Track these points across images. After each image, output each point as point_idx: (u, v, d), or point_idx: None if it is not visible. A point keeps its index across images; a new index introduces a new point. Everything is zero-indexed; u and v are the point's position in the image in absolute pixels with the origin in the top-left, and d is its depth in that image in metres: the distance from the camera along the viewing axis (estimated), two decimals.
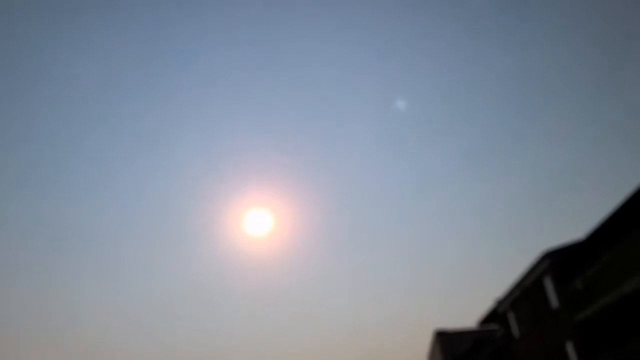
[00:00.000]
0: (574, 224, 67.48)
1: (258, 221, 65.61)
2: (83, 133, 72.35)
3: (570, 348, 20.76)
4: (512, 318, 26.81)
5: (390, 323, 73.33)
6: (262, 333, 75.85)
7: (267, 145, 74.92)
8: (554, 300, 21.79)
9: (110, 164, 74.99)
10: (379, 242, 77.56)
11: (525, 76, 66.66)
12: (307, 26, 70.16)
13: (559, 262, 20.88)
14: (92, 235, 75.16)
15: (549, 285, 22.01)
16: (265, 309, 77.65)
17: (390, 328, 72.72)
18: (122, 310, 71.74)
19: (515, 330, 26.57)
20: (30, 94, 67.29)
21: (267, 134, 75.67)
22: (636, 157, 58.90)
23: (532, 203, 68.55)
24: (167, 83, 71.76)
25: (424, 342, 46.65)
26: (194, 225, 79.38)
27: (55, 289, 71.13)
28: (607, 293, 17.66)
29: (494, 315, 29.06)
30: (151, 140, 74.60)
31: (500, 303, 27.39)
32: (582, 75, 64.39)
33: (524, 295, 24.33)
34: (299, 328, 75.21)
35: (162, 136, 74.64)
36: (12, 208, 70.27)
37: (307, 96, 72.55)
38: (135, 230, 78.20)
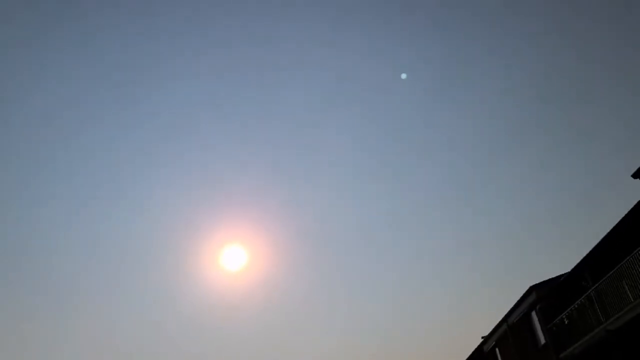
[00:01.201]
0: (561, 258, 67.69)
1: (234, 256, 65.05)
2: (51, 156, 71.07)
3: None
4: (499, 355, 26.45)
5: None
6: None
7: (242, 180, 74.61)
8: (540, 336, 21.59)
9: (85, 199, 73.66)
10: (360, 278, 76.77)
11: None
12: (276, 45, 71.19)
13: (545, 296, 20.81)
14: (64, 268, 73.14)
15: (535, 320, 21.85)
16: (243, 344, 75.64)
17: None
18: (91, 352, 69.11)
19: None
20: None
21: (240, 169, 75.39)
22: (620, 190, 59.91)
23: (520, 238, 68.83)
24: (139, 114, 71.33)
25: None
26: (166, 263, 77.96)
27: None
28: (593, 329, 17.56)
29: (481, 353, 28.66)
30: (115, 173, 73.58)
31: (487, 340, 27.07)
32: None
33: (511, 332, 24.09)
34: None
35: (128, 169, 73.76)
36: None
37: (283, 126, 72.86)
38: (107, 267, 76.33)
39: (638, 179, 16.33)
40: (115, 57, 65.85)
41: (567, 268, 19.33)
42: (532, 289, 21.12)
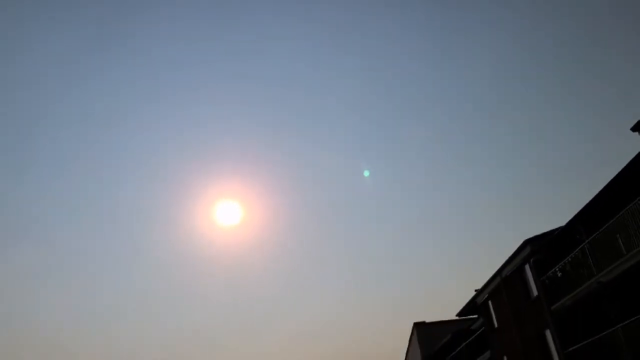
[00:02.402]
0: (556, 212, 68.45)
1: (228, 212, 65.03)
2: (41, 118, 70.29)
3: (549, 336, 20.92)
4: (491, 308, 26.97)
5: (368, 317, 73.56)
6: (235, 326, 75.36)
7: (240, 134, 74.03)
8: (533, 289, 21.93)
9: (73, 151, 73.06)
10: (355, 234, 77.63)
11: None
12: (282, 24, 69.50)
13: (539, 250, 21.01)
14: (58, 230, 73.47)
15: (529, 273, 22.15)
16: (237, 301, 77.14)
17: (368, 322, 72.94)
18: (93, 311, 70.40)
19: (494, 320, 26.74)
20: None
21: (241, 121, 74.69)
22: (616, 145, 59.94)
23: (514, 193, 69.28)
24: (130, 67, 70.04)
25: (404, 336, 46.76)
26: (163, 217, 78.32)
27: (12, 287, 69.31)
28: (586, 281, 17.80)
29: (474, 306, 29.22)
30: (116, 127, 72.83)
31: (480, 293, 27.53)
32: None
33: (504, 284, 24.46)
34: (271, 322, 74.86)
35: (126, 124, 72.99)
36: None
37: (281, 82, 71.88)
38: (102, 226, 76.69)
39: (637, 132, 16.20)
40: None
41: (563, 224, 19.40)
42: (527, 242, 21.28)
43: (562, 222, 19.35)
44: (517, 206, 68.89)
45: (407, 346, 46.21)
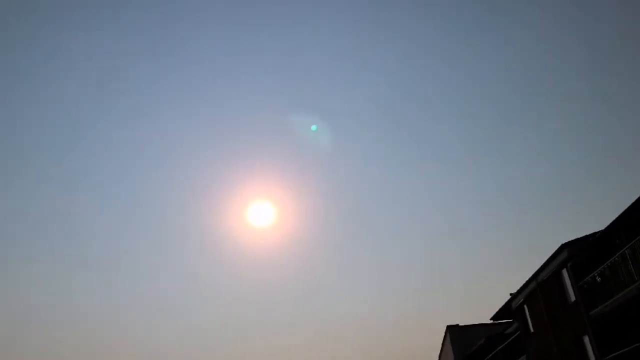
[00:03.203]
0: (594, 217, 66.46)
1: (261, 213, 65.39)
2: (83, 127, 72.55)
3: (588, 343, 20.46)
4: (527, 312, 26.52)
5: (401, 318, 73.07)
6: (265, 326, 76.02)
7: (270, 136, 74.65)
8: (571, 294, 21.49)
9: (109, 158, 75.15)
10: (388, 237, 77.20)
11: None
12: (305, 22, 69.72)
13: (577, 254, 20.58)
14: (92, 231, 75.54)
15: (566, 278, 21.71)
16: (268, 302, 77.74)
17: (401, 323, 72.46)
18: (122, 306, 72.14)
19: (530, 325, 26.28)
20: (30, 86, 67.64)
21: (271, 122, 75.19)
22: None
23: (553, 196, 67.64)
24: (165, 79, 71.62)
25: (437, 339, 46.32)
26: (195, 218, 79.61)
27: (52, 285, 71.65)
28: (625, 287, 17.37)
29: (509, 310, 28.79)
30: (151, 135, 74.48)
31: (515, 297, 27.11)
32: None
33: (540, 289, 24.04)
34: (301, 322, 75.14)
35: (161, 130, 74.57)
36: (8, 199, 70.61)
37: (313, 85, 72.09)
38: (136, 226, 78.53)
39: None
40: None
41: (602, 227, 18.96)
42: (564, 246, 20.88)
43: (601, 226, 18.93)
44: (553, 208, 67.23)
45: (439, 348, 45.78)
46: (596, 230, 19.78)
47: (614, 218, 17.72)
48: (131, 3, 66.08)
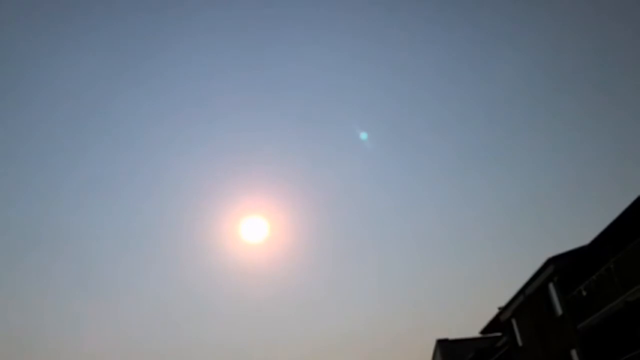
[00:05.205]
0: (579, 231, 67.03)
1: (254, 228, 65.03)
2: (84, 143, 72.04)
3: (575, 356, 20.58)
4: (515, 326, 26.63)
5: (391, 332, 72.84)
6: (259, 343, 75.24)
7: (262, 151, 74.52)
8: (558, 307, 21.64)
9: (107, 172, 74.51)
10: (380, 250, 77.16)
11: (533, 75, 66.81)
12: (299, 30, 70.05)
13: (563, 268, 20.77)
14: (87, 245, 74.62)
15: (553, 291, 21.88)
16: (263, 316, 77.04)
17: (391, 338, 72.16)
18: (117, 321, 71.06)
19: (518, 338, 26.38)
20: (29, 93, 66.98)
21: (261, 137, 75.09)
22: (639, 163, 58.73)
23: (536, 210, 68.22)
24: (157, 98, 71.31)
25: (427, 353, 46.22)
26: (189, 234, 78.97)
27: (48, 297, 70.51)
28: (612, 300, 17.54)
29: (497, 324, 28.88)
30: (142, 154, 74.09)
31: (503, 310, 27.22)
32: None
33: (528, 302, 24.17)
34: (295, 335, 74.56)
35: (154, 145, 74.15)
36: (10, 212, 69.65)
37: (303, 100, 72.25)
38: (130, 241, 77.64)
39: None
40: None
41: (586, 241, 19.17)
42: (550, 261, 21.06)
43: (585, 241, 19.13)
44: (539, 223, 67.78)
45: None
46: (580, 245, 19.99)
47: (599, 232, 17.93)
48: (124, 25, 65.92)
